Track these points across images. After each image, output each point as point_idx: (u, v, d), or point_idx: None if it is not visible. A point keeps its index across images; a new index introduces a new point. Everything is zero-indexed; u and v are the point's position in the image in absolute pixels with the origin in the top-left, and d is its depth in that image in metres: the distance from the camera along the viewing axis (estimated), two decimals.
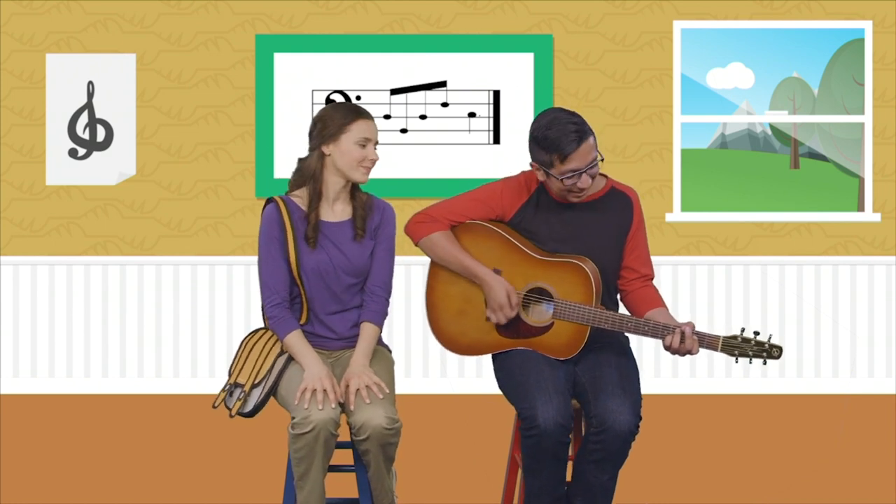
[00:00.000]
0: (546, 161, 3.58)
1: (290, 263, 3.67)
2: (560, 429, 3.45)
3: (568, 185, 3.59)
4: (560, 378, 3.56)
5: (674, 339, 3.54)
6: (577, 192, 3.61)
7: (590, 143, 3.56)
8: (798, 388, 6.86)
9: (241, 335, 6.80)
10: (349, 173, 3.67)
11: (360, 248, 3.71)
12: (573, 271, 3.59)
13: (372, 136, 3.67)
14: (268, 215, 3.69)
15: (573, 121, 3.56)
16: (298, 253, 3.67)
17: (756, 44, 6.95)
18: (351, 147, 3.65)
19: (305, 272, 3.68)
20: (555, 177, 3.58)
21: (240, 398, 3.65)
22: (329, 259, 3.68)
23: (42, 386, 6.82)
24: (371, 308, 3.73)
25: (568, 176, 3.57)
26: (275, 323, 3.68)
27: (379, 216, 3.75)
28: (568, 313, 3.59)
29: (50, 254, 6.87)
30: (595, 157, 3.59)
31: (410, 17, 6.89)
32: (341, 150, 3.66)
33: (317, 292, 3.70)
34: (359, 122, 3.66)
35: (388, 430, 3.49)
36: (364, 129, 3.66)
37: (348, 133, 3.65)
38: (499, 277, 3.64)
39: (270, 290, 3.68)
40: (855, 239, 6.92)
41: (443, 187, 6.80)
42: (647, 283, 3.76)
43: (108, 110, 6.86)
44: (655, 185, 6.92)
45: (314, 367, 3.57)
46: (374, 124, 3.71)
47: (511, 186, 3.73)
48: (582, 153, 3.54)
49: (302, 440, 3.46)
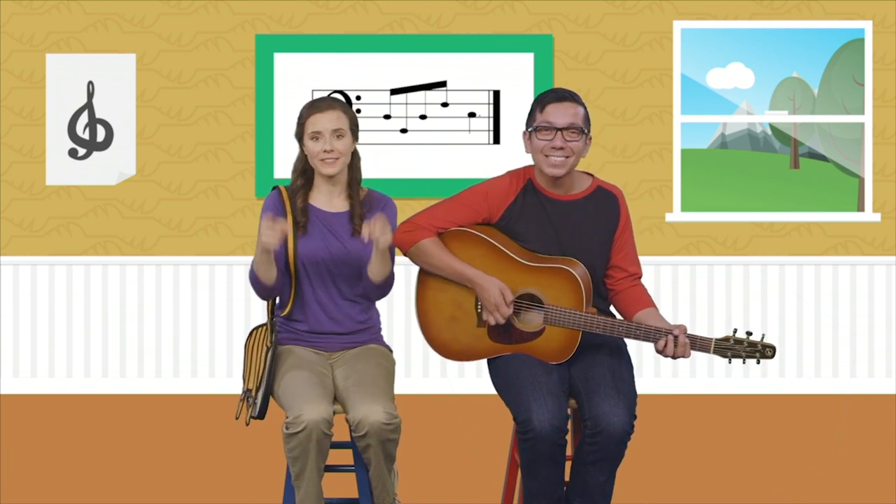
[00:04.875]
0: (531, 119, 3.68)
1: (287, 249, 3.71)
2: (556, 431, 3.45)
3: (542, 142, 3.62)
4: (554, 381, 3.56)
5: (667, 343, 3.55)
6: (555, 158, 3.62)
7: (573, 107, 3.63)
8: (798, 388, 6.86)
9: (241, 335, 6.80)
10: (315, 168, 3.77)
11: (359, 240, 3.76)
12: (562, 276, 3.59)
13: (323, 128, 3.73)
14: (269, 199, 3.79)
15: (566, 90, 3.69)
16: (297, 241, 3.72)
17: (756, 44, 6.95)
18: (308, 143, 3.77)
19: (301, 258, 3.72)
20: (533, 131, 3.64)
21: (251, 404, 3.68)
22: (325, 247, 3.73)
23: (42, 386, 6.82)
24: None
25: (544, 129, 3.60)
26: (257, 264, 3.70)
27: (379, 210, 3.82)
28: (559, 319, 3.59)
29: (50, 254, 6.87)
30: (576, 121, 3.62)
31: (410, 17, 6.89)
32: (306, 147, 3.78)
33: (315, 282, 3.74)
34: (310, 119, 3.75)
35: (386, 425, 3.48)
36: (313, 123, 3.74)
37: (305, 131, 3.76)
38: (491, 278, 3.63)
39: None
40: (855, 239, 6.92)
41: (443, 187, 6.79)
42: (636, 283, 3.76)
43: (108, 110, 6.86)
44: (655, 185, 6.92)
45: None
46: (331, 114, 3.75)
47: (496, 188, 3.73)
48: (561, 109, 3.62)
49: (294, 440, 3.47)
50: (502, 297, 3.61)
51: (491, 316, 3.64)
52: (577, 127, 3.61)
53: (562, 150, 3.61)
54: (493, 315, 3.63)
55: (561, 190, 3.69)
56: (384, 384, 3.65)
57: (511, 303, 3.62)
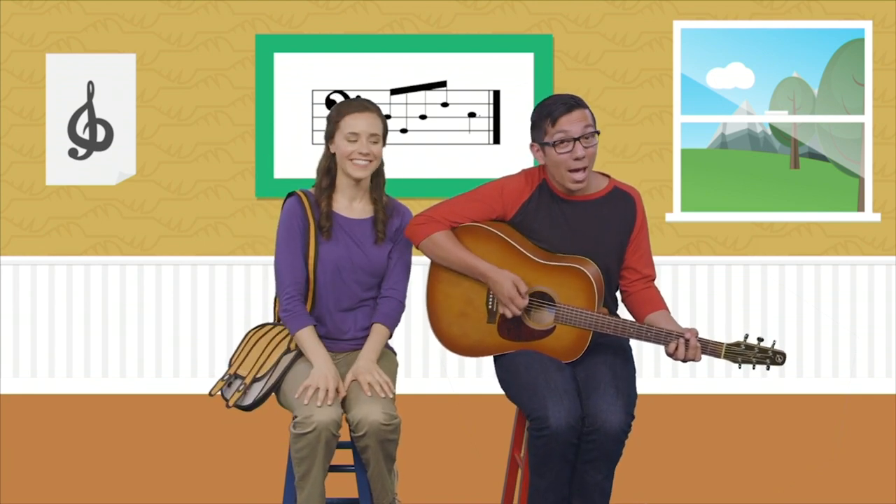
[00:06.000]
0: (540, 132, 3.62)
1: (309, 256, 3.69)
2: (571, 430, 3.45)
3: (562, 156, 3.58)
4: (568, 378, 3.55)
5: (678, 346, 3.53)
6: (576, 170, 3.59)
7: (582, 112, 3.59)
8: (798, 388, 6.86)
9: (240, 335, 6.79)
10: (344, 169, 3.71)
11: (380, 248, 3.74)
12: (575, 276, 3.58)
13: (361, 130, 3.69)
14: (289, 207, 3.72)
15: (567, 96, 3.63)
16: (318, 245, 3.69)
17: (756, 44, 6.95)
18: (342, 143, 3.70)
19: (323, 264, 3.69)
20: (549, 146, 3.59)
21: (239, 390, 3.64)
22: (348, 254, 3.70)
23: (42, 386, 6.82)
24: (383, 311, 3.75)
25: (561, 141, 3.57)
26: (289, 316, 3.68)
27: (399, 220, 3.79)
28: (570, 318, 3.58)
29: (50, 254, 6.87)
30: (589, 127, 3.59)
31: (410, 17, 6.89)
32: (337, 147, 3.72)
33: (332, 286, 3.71)
34: (347, 118, 3.69)
35: (385, 426, 3.48)
36: (351, 123, 3.69)
37: (339, 130, 3.70)
38: (503, 270, 3.61)
39: (288, 282, 3.69)
40: (855, 239, 6.92)
41: (443, 187, 6.79)
42: (650, 285, 3.75)
43: (108, 110, 6.86)
44: (655, 185, 6.92)
45: (323, 366, 3.58)
46: (370, 117, 3.71)
47: (512, 184, 3.72)
48: (573, 118, 3.58)
49: (304, 440, 3.46)
50: (516, 289, 3.58)
51: (507, 309, 3.61)
52: (591, 132, 3.60)
53: (582, 160, 3.59)
54: (509, 307, 3.60)
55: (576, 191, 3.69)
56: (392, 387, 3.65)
57: (525, 294, 3.60)
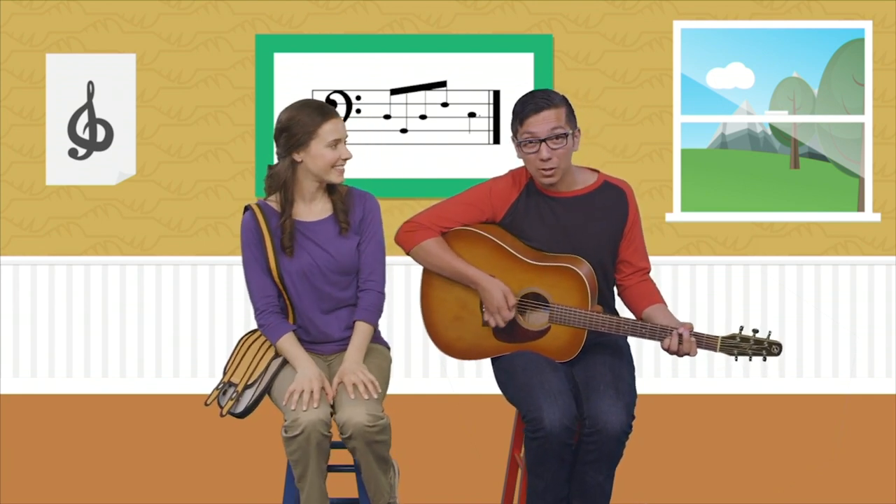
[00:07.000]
0: (513, 130, 3.65)
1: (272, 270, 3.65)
2: (566, 431, 3.45)
3: (530, 156, 3.59)
4: (563, 379, 3.55)
5: (672, 341, 3.54)
6: (545, 170, 3.59)
7: (553, 112, 3.57)
8: (798, 388, 6.86)
9: (240, 335, 6.79)
10: (324, 176, 3.61)
11: (346, 245, 3.66)
12: (567, 275, 3.58)
13: (341, 135, 3.60)
14: (245, 224, 3.65)
15: (542, 93, 3.61)
16: (278, 259, 3.63)
17: (756, 44, 6.95)
18: (322, 151, 3.58)
19: (289, 276, 3.64)
20: (517, 143, 3.61)
21: (232, 398, 3.64)
22: (313, 260, 3.64)
23: (42, 386, 6.82)
24: (363, 305, 3.69)
25: (528, 141, 3.58)
26: (266, 330, 3.67)
27: (361, 209, 3.69)
28: (564, 318, 3.58)
29: (50, 254, 6.87)
30: (557, 129, 3.57)
31: (410, 17, 6.89)
32: (312, 155, 3.59)
33: (305, 293, 3.66)
34: (326, 125, 3.58)
35: (370, 427, 3.45)
36: (332, 130, 3.58)
37: (318, 138, 3.58)
38: (494, 280, 3.62)
39: (258, 297, 3.66)
40: (855, 239, 6.92)
41: (443, 187, 6.79)
42: (646, 278, 3.75)
43: (108, 110, 6.86)
44: (655, 185, 6.92)
45: (306, 369, 3.56)
46: (342, 121, 3.63)
47: (499, 186, 3.72)
48: (539, 119, 3.57)
49: (294, 443, 3.45)
50: (504, 301, 3.61)
51: (492, 318, 3.64)
52: (558, 133, 3.58)
53: (548, 162, 3.59)
54: (495, 317, 3.63)
55: (562, 188, 3.68)
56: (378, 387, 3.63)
57: (513, 306, 3.61)
